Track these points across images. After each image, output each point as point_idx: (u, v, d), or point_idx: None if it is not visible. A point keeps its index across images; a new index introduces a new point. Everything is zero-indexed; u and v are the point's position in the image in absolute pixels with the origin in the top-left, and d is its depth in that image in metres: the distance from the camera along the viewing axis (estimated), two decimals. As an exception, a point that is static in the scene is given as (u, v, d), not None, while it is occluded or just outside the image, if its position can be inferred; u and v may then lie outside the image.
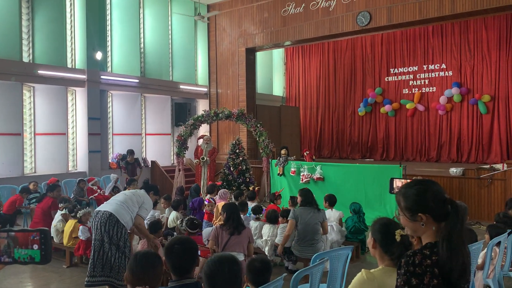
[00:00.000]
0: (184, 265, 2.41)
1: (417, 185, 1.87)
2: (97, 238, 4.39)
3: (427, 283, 1.70)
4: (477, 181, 9.05)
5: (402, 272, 1.73)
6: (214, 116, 11.43)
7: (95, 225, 4.42)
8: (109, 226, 4.35)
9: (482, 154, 13.19)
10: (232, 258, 2.31)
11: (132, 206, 4.57)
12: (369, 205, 8.75)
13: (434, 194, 1.84)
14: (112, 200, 4.62)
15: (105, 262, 4.37)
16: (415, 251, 1.77)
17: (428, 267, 1.70)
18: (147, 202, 4.76)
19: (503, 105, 12.83)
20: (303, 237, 5.31)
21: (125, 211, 4.49)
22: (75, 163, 11.83)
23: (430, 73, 14.20)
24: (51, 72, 10.78)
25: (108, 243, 4.35)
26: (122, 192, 4.89)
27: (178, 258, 2.39)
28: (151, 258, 2.35)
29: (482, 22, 12.97)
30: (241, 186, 10.62)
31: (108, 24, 12.71)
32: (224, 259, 2.26)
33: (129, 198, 4.62)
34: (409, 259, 1.73)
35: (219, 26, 14.84)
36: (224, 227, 4.62)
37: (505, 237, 4.26)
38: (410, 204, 1.85)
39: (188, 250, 2.43)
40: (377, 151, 15.43)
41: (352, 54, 15.96)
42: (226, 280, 2.16)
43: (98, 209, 4.58)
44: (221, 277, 2.16)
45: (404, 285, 1.71)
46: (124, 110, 13.20)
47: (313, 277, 3.38)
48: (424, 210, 1.82)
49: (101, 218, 4.38)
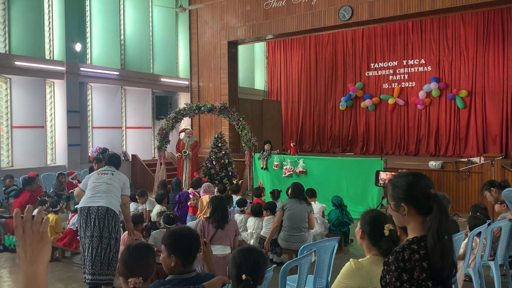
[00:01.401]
0: (189, 255, 2.40)
1: (408, 176, 1.90)
2: (95, 235, 4.31)
3: (417, 277, 1.73)
4: (455, 174, 9.27)
5: (393, 268, 1.75)
6: (196, 110, 11.35)
7: (91, 222, 4.32)
8: (108, 220, 4.31)
9: (459, 148, 13.50)
10: (255, 248, 2.45)
11: (117, 192, 4.61)
12: (350, 198, 8.88)
13: (422, 187, 1.87)
14: (99, 193, 4.54)
15: (103, 259, 4.31)
16: (403, 246, 1.79)
17: (417, 261, 1.73)
18: (126, 181, 4.85)
19: (479, 100, 13.14)
20: (291, 224, 5.42)
21: (115, 200, 4.51)
22: (54, 157, 11.60)
23: (410, 68, 14.42)
24: (29, 64, 10.50)
25: (107, 238, 4.31)
26: (102, 181, 4.71)
27: (184, 248, 2.37)
28: (144, 249, 2.35)
29: (460, 19, 13.22)
30: (224, 180, 10.61)
31: (88, 15, 12.45)
32: (249, 250, 2.41)
33: (113, 186, 4.60)
34: (398, 255, 1.75)
35: (200, 19, 14.72)
36: (210, 219, 4.61)
37: (485, 228, 4.38)
38: (396, 194, 1.88)
39: (195, 238, 2.44)
40: (357, 145, 15.62)
41: (333, 48, 16.06)
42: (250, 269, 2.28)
43: (88, 205, 4.46)
44: (247, 264, 2.29)
45: (396, 281, 1.73)
46: (104, 103, 12.98)
47: (301, 268, 3.41)
48: (408, 201, 1.84)
49: (98, 214, 4.32)
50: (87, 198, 4.57)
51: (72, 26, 11.40)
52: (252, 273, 2.29)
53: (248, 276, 2.25)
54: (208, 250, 2.79)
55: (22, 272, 1.21)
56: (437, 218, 1.79)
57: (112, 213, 4.38)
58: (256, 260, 2.35)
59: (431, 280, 1.77)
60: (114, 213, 4.40)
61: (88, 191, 4.65)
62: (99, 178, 4.70)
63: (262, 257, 2.41)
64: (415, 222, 1.85)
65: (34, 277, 1.20)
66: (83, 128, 12.07)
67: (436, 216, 1.80)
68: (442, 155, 13.63)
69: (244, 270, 2.28)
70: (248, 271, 2.28)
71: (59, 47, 11.39)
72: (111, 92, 13.06)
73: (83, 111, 12.03)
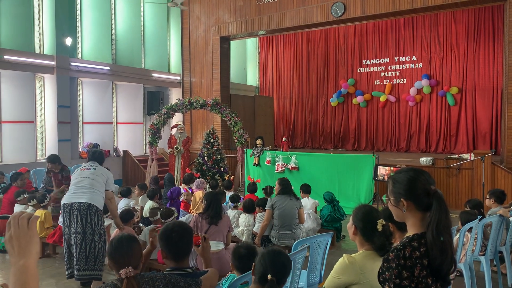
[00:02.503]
0: (182, 250, 2.40)
1: (409, 172, 1.89)
2: (78, 231, 4.28)
3: (417, 275, 1.73)
4: (446, 170, 9.35)
5: (393, 266, 1.74)
6: (188, 105, 11.31)
7: (74, 218, 4.29)
8: (91, 216, 4.28)
9: (449, 144, 13.61)
10: (283, 252, 2.54)
11: (100, 187, 4.56)
12: (342, 194, 8.91)
13: (422, 183, 1.87)
14: (81, 189, 4.49)
15: (88, 254, 4.28)
16: (404, 244, 1.79)
17: (418, 259, 1.73)
18: (110, 176, 4.78)
19: (469, 97, 13.25)
20: (282, 223, 5.35)
21: (99, 196, 4.47)
22: (44, 152, 11.48)
23: (401, 65, 14.49)
24: (18, 58, 10.36)
25: (91, 234, 4.28)
26: (85, 176, 4.64)
27: (179, 242, 2.39)
28: (125, 240, 2.39)
29: (452, 16, 13.30)
30: (216, 176, 10.59)
31: (78, 9, 12.31)
32: (279, 252, 2.50)
33: (95, 181, 4.55)
34: (399, 253, 1.75)
35: (192, 14, 14.64)
36: (203, 215, 4.60)
37: (476, 223, 4.43)
38: (396, 189, 1.87)
39: (186, 233, 2.44)
40: (348, 141, 15.68)
41: (325, 45, 16.07)
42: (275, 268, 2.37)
43: (70, 201, 4.42)
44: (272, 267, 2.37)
45: (396, 278, 1.73)
46: (95, 98, 12.87)
47: (295, 263, 3.42)
48: (407, 196, 1.84)
49: (80, 210, 4.29)
50: (70, 194, 4.54)
51: (62, 20, 11.27)
52: (278, 274, 2.36)
53: (273, 277, 2.32)
54: (207, 245, 2.85)
55: (12, 267, 1.21)
56: (436, 215, 1.79)
57: (94, 209, 4.35)
58: (284, 263, 2.45)
59: (431, 277, 1.77)
60: (96, 208, 4.37)
61: (71, 187, 4.61)
62: (82, 174, 4.66)
63: (289, 261, 2.52)
64: (414, 218, 1.85)
65: (24, 270, 1.21)
66: (74, 123, 11.95)
67: (436, 213, 1.79)
68: (433, 151, 13.74)
69: (270, 271, 2.35)
70: (274, 272, 2.35)
71: (49, 41, 11.25)
72: (102, 87, 12.94)
73: (73, 106, 11.91)
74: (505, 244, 4.94)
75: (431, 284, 1.76)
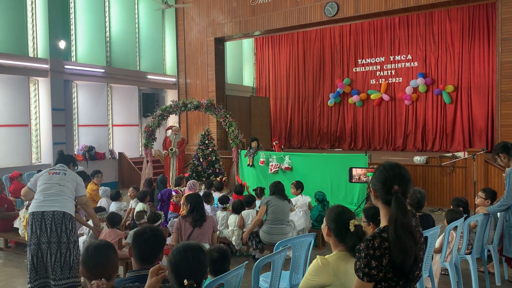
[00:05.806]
0: (149, 254, 2.39)
1: (385, 165, 1.99)
2: (53, 240, 4.13)
3: (386, 264, 1.78)
4: (440, 169, 9.32)
5: (363, 255, 1.80)
6: (182, 107, 11.30)
7: (47, 227, 4.14)
8: (66, 225, 4.18)
9: (445, 143, 13.59)
10: (197, 246, 2.20)
11: (71, 194, 4.41)
12: (334, 194, 8.93)
13: (388, 179, 1.90)
14: (52, 196, 4.28)
15: (63, 264, 4.15)
16: (374, 234, 1.84)
17: (387, 249, 1.78)
18: (80, 180, 4.58)
19: (465, 95, 13.22)
20: (274, 218, 5.53)
21: (71, 203, 4.37)
22: (39, 155, 11.49)
23: (396, 63, 14.46)
24: (11, 61, 10.37)
25: (66, 243, 4.17)
26: (55, 182, 4.38)
27: (145, 245, 2.38)
28: (102, 249, 2.22)
29: (446, 14, 13.27)
30: (211, 177, 10.58)
31: (72, 12, 12.33)
32: (189, 247, 2.16)
33: (66, 188, 4.37)
34: (369, 243, 1.81)
35: (187, 15, 14.65)
36: (186, 218, 4.59)
37: (462, 222, 4.41)
38: (374, 178, 2.00)
39: (156, 238, 2.43)
40: (345, 141, 15.66)
41: (321, 44, 16.06)
42: (190, 268, 2.07)
43: (41, 209, 4.19)
44: (185, 265, 2.06)
45: (365, 267, 1.79)
46: (89, 100, 12.87)
47: (275, 264, 3.41)
48: (374, 186, 1.97)
49: (55, 219, 4.16)
50: (40, 202, 4.25)
51: (56, 23, 11.27)
52: (193, 275, 2.04)
53: (190, 281, 1.97)
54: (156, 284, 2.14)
55: None
56: (394, 214, 1.83)
57: (69, 217, 4.24)
58: (196, 259, 2.10)
59: (392, 274, 1.80)
60: (71, 217, 4.26)
61: (39, 193, 4.32)
62: (51, 179, 4.38)
63: (201, 252, 2.17)
64: (384, 210, 1.94)
65: None
66: (69, 126, 11.97)
67: (393, 211, 1.83)
68: (429, 150, 13.71)
69: (183, 273, 2.03)
70: (188, 273, 2.03)
71: (43, 45, 11.26)
72: (96, 89, 12.95)
73: (68, 109, 11.93)
74: (492, 243, 4.92)
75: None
